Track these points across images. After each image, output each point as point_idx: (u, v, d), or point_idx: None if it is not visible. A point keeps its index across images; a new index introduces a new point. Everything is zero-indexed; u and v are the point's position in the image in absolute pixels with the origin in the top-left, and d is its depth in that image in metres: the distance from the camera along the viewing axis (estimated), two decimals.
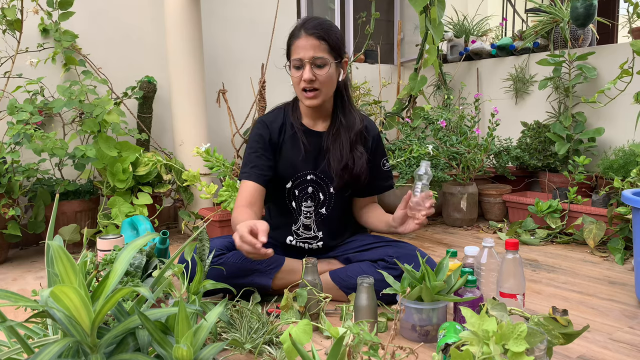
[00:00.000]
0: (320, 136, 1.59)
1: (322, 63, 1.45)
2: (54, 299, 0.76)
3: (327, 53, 1.46)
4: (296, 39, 1.46)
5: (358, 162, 1.57)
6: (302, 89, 1.48)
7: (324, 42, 1.45)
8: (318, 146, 1.59)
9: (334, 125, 1.59)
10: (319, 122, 1.61)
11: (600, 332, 1.36)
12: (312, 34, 1.44)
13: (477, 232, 2.58)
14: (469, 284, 1.30)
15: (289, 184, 1.59)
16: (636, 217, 1.51)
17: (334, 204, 1.63)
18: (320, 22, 1.46)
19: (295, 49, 1.45)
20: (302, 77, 1.45)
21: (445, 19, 3.64)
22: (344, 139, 1.57)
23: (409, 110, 3.17)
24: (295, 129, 1.58)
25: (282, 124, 1.59)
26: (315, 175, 1.60)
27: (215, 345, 0.92)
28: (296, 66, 1.47)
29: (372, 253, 1.58)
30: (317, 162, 1.59)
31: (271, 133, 1.57)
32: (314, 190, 1.61)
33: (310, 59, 1.44)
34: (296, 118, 1.60)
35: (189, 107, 2.59)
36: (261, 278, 1.52)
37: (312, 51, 1.43)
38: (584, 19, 2.59)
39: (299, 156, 1.57)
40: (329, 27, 1.47)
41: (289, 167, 1.58)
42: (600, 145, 2.78)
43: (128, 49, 2.69)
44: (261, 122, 1.60)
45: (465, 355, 0.87)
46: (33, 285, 1.85)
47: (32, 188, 2.20)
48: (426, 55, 2.93)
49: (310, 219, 1.63)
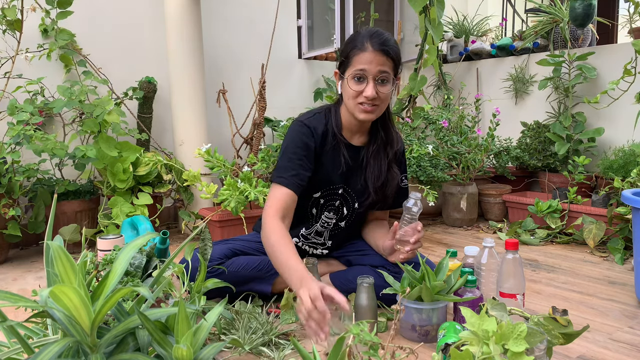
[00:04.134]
0: (358, 151, 1.53)
1: (385, 79, 1.39)
2: (53, 299, 0.76)
3: (391, 70, 1.41)
4: (361, 50, 1.38)
5: (392, 182, 1.53)
6: (360, 103, 1.41)
7: (389, 59, 1.39)
8: (357, 163, 1.53)
9: (375, 141, 1.53)
10: (357, 135, 1.54)
11: (600, 332, 1.36)
12: (380, 49, 1.37)
13: (477, 232, 2.58)
14: (469, 284, 1.30)
15: (318, 194, 1.54)
16: (636, 217, 1.51)
17: (354, 220, 1.60)
18: (388, 38, 1.41)
19: (360, 60, 1.38)
20: (364, 93, 1.38)
21: (445, 19, 3.64)
22: (382, 156, 1.52)
23: (409, 110, 3.17)
24: (338, 140, 1.50)
25: (324, 132, 1.50)
26: (346, 190, 1.55)
27: (215, 345, 0.92)
28: (358, 77, 1.38)
29: (373, 258, 1.56)
30: (350, 178, 1.54)
31: (315, 141, 1.48)
32: (339, 204, 1.56)
33: (375, 75, 1.37)
34: (338, 128, 1.51)
35: (189, 107, 2.59)
36: (261, 285, 1.52)
37: (378, 66, 1.37)
38: (583, 19, 2.59)
39: (338, 170, 1.50)
40: (394, 44, 1.42)
41: (325, 179, 1.51)
42: (600, 145, 2.78)
43: (128, 49, 2.69)
44: (307, 128, 1.48)
45: (465, 355, 0.87)
46: (33, 285, 1.85)
47: (33, 188, 2.20)
48: (426, 55, 2.93)
49: (326, 229, 1.60)
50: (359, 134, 1.53)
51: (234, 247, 1.57)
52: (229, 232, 2.17)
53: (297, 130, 1.48)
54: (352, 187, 1.54)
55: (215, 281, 1.29)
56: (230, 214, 2.11)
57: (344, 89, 1.43)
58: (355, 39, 1.41)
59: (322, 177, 1.50)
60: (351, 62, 1.39)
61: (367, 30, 1.41)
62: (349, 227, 1.62)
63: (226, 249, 1.54)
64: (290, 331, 1.35)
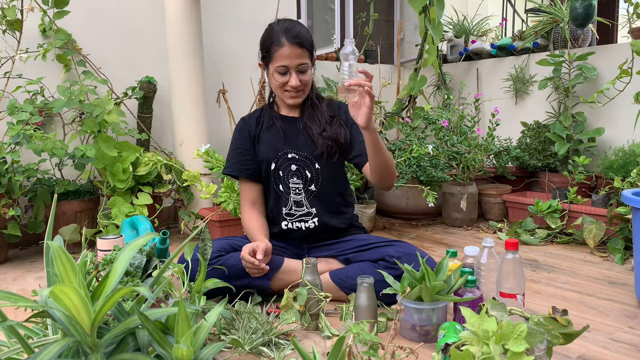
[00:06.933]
0: (295, 120, 1.70)
1: (305, 69, 1.59)
2: (53, 299, 0.76)
3: (308, 58, 1.59)
4: (279, 46, 1.55)
5: (334, 125, 1.67)
6: (286, 90, 1.61)
7: (305, 50, 1.57)
8: (295, 128, 1.69)
9: (307, 108, 1.71)
10: (294, 110, 1.72)
11: (600, 332, 1.36)
12: (295, 42, 1.55)
13: (477, 232, 2.58)
14: (469, 284, 1.30)
15: (273, 165, 1.66)
16: (636, 217, 1.51)
17: (322, 180, 1.67)
18: (300, 30, 1.58)
19: (280, 56, 1.56)
20: (289, 84, 1.58)
21: (445, 19, 3.64)
22: (317, 114, 1.69)
23: (409, 110, 3.17)
24: (272, 118, 1.70)
25: (258, 117, 1.73)
26: (297, 153, 1.66)
27: (215, 345, 0.92)
28: (282, 72, 1.58)
29: (372, 253, 1.58)
30: (297, 142, 1.67)
31: (249, 127, 1.70)
32: (298, 168, 1.66)
33: (295, 67, 1.57)
34: (273, 111, 1.73)
35: (189, 107, 2.59)
36: (260, 280, 1.53)
37: (297, 59, 1.56)
38: (583, 19, 2.59)
39: (278, 137, 1.67)
40: (306, 33, 1.59)
41: (270, 149, 1.67)
42: (600, 145, 2.78)
43: (128, 49, 2.69)
44: (242, 121, 1.74)
45: (465, 355, 0.87)
46: (33, 285, 1.85)
47: (32, 188, 2.20)
48: (426, 55, 2.92)
49: (301, 195, 1.67)
50: (296, 108, 1.72)
51: (233, 243, 1.61)
52: (228, 232, 2.17)
53: (237, 126, 1.74)
54: (300, 149, 1.66)
55: (215, 281, 1.29)
56: (230, 214, 2.11)
57: (270, 80, 1.64)
58: (272, 35, 1.58)
59: (267, 147, 1.67)
60: (272, 57, 1.57)
61: (280, 25, 1.59)
62: (324, 189, 1.67)
63: (225, 243, 1.59)
64: (290, 331, 1.35)
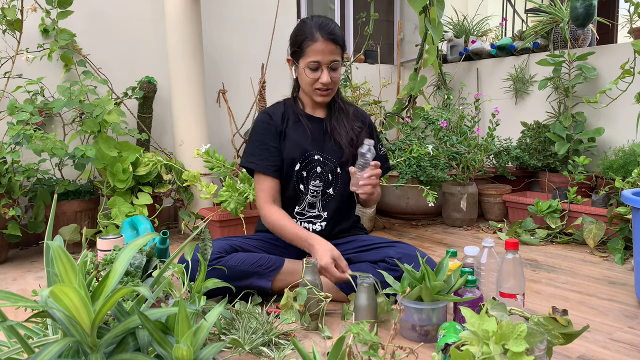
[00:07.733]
0: (322, 121, 1.69)
1: (337, 66, 1.58)
2: (53, 299, 0.76)
3: (340, 56, 1.58)
4: (313, 41, 1.53)
5: (361, 137, 1.66)
6: (316, 88, 1.59)
7: (338, 47, 1.56)
8: (321, 129, 1.68)
9: (334, 110, 1.70)
10: (319, 110, 1.71)
11: (600, 332, 1.36)
12: (330, 39, 1.53)
13: (477, 232, 2.58)
14: (469, 284, 1.30)
15: (297, 165, 1.64)
16: (636, 217, 1.51)
17: (341, 184, 1.68)
18: (334, 27, 1.57)
19: (313, 52, 1.54)
20: (320, 80, 1.56)
21: (445, 19, 3.64)
22: (344, 119, 1.70)
23: (409, 110, 3.17)
24: (298, 116, 1.67)
25: (283, 113, 1.68)
26: (322, 156, 1.66)
27: (215, 345, 0.92)
28: (313, 68, 1.55)
29: (372, 254, 1.59)
30: (323, 144, 1.67)
31: (275, 121, 1.65)
32: (322, 171, 1.66)
33: (328, 64, 1.55)
34: (298, 108, 1.69)
35: (189, 107, 2.59)
36: (260, 281, 1.52)
37: (330, 56, 1.54)
38: (584, 19, 2.59)
39: (306, 137, 1.65)
40: (339, 31, 1.58)
41: (297, 148, 1.64)
42: (600, 145, 2.78)
43: (128, 49, 2.69)
44: (264, 113, 1.69)
45: (465, 355, 0.87)
46: (33, 285, 1.85)
47: (32, 188, 2.20)
48: (426, 55, 2.93)
49: (317, 198, 1.67)
50: (321, 108, 1.71)
51: (233, 244, 1.60)
52: (229, 232, 2.17)
53: (259, 119, 1.68)
54: (326, 152, 1.66)
55: (215, 281, 1.29)
56: (230, 214, 2.11)
57: (300, 76, 1.62)
58: (305, 30, 1.56)
59: (293, 146, 1.64)
60: (304, 52, 1.55)
61: (314, 21, 1.56)
62: (339, 193, 1.68)
63: (225, 244, 1.57)
64: (290, 331, 1.35)
